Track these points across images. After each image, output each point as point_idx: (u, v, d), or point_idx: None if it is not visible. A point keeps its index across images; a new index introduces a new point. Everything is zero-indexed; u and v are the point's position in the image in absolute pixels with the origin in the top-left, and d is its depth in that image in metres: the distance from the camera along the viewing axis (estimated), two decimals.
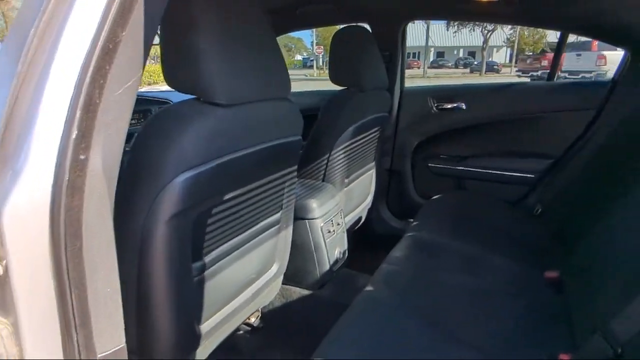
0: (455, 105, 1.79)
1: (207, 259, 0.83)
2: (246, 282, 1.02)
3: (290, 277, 1.28)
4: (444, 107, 1.81)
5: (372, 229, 2.04)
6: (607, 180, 1.32)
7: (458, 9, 1.54)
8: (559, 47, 1.61)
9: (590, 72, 10.61)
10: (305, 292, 1.32)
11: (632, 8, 1.21)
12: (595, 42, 11.45)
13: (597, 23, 1.29)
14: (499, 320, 0.91)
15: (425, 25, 23.74)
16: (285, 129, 0.93)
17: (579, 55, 11.72)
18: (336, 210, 1.32)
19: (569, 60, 12.86)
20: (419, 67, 25.55)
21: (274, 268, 1.12)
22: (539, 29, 23.62)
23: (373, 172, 1.80)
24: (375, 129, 1.62)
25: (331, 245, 1.28)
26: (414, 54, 30.24)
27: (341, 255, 1.34)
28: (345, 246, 1.40)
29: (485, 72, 22.42)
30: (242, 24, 0.79)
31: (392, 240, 1.87)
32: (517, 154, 1.71)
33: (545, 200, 1.57)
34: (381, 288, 0.99)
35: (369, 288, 0.99)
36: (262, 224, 0.99)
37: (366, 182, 1.75)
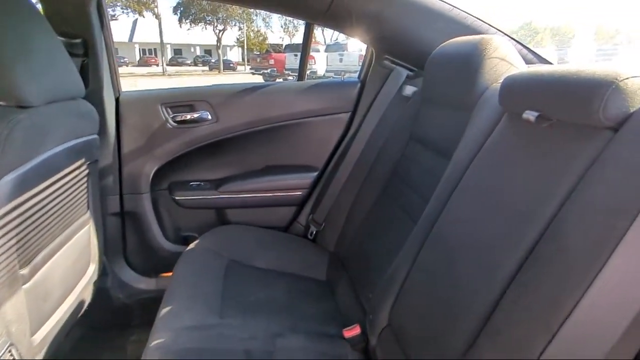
0: (198, 114, 1.35)
1: None
2: None
3: None
4: (184, 118, 1.35)
5: (111, 300, 1.39)
6: (375, 190, 1.20)
7: None
8: (306, 42, 1.41)
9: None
10: None
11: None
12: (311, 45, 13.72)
13: (341, 13, 1.12)
14: None
15: (158, 20, 22.25)
16: None
17: (296, 55, 13.81)
18: None
19: (289, 60, 14.96)
20: (157, 65, 23.92)
21: None
22: (262, 31, 26.38)
23: (90, 226, 1.15)
24: (77, 164, 0.99)
25: None
26: (149, 50, 28.15)
27: None
28: None
29: (224, 69, 23.21)
30: None
31: (143, 308, 1.33)
32: (280, 169, 1.45)
33: (317, 220, 1.37)
34: None
35: None
36: None
37: (79, 246, 1.09)
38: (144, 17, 22.86)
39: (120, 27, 24.79)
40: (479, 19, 1.08)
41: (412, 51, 1.17)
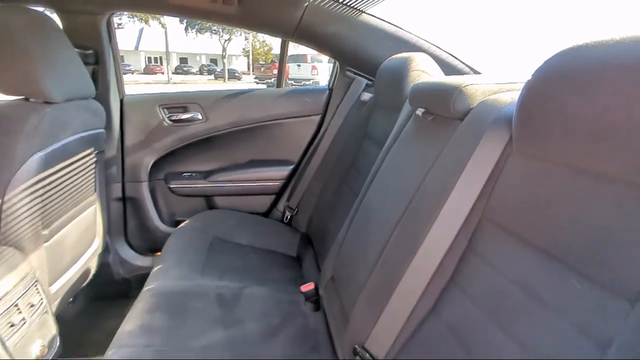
0: (190, 115, 1.58)
1: None
2: None
3: None
4: (179, 117, 1.57)
5: (112, 275, 1.60)
6: (337, 180, 1.42)
7: (171, 3, 1.32)
8: (282, 55, 1.65)
9: (309, 79, 12.98)
10: None
11: (334, 19, 1.31)
12: (309, 56, 13.98)
13: (309, 32, 1.34)
14: None
15: (164, 29, 22.72)
16: None
17: (299, 65, 14.07)
18: (25, 286, 0.87)
19: (292, 70, 15.31)
20: (162, 73, 24.30)
21: None
22: (267, 42, 26.80)
23: (96, 206, 1.37)
24: (87, 151, 1.21)
25: (21, 345, 0.82)
26: (155, 58, 28.54)
27: (45, 350, 0.90)
28: (53, 331, 0.96)
29: (228, 78, 23.57)
30: None
31: (140, 283, 1.53)
32: (261, 163, 1.67)
33: (292, 206, 1.59)
34: None
35: None
36: None
37: (87, 222, 1.31)
38: (149, 26, 23.31)
39: (126, 35, 25.20)
40: (421, 38, 1.30)
41: (367, 64, 1.39)
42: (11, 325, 0.80)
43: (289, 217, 1.59)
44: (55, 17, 1.32)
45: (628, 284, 0.37)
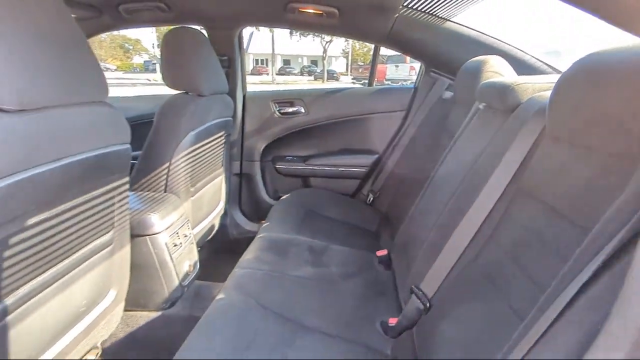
0: (295, 109, 1.90)
1: (10, 300, 0.68)
2: (75, 316, 0.87)
3: (134, 301, 1.16)
4: (286, 111, 1.91)
5: (228, 235, 2.01)
6: (416, 168, 1.60)
7: (288, 18, 1.64)
8: (374, 58, 1.89)
9: (405, 80, 12.93)
10: (154, 314, 1.21)
11: (420, 27, 1.50)
12: (408, 57, 13.88)
13: (399, 38, 1.55)
14: (340, 302, 1.01)
15: (271, 33, 24.53)
16: (106, 137, 0.83)
17: (397, 66, 14.05)
18: (181, 221, 1.25)
19: (390, 71, 15.30)
20: (267, 74, 26.21)
21: (111, 295, 0.99)
22: (366, 43, 27.01)
23: (222, 177, 1.77)
24: (220, 134, 1.59)
25: (179, 260, 1.20)
26: (262, 60, 30.74)
27: (192, 269, 1.28)
28: (196, 257, 1.34)
29: (327, 79, 24.43)
30: (34, 20, 0.66)
31: (249, 243, 1.90)
32: (350, 151, 1.93)
33: (375, 190, 1.82)
34: (233, 294, 0.98)
35: (220, 296, 0.98)
36: (88, 247, 0.87)
37: (215, 188, 1.71)
38: (259, 30, 25.25)
39: None
40: (502, 41, 1.41)
41: (449, 66, 1.55)
42: (174, 245, 1.18)
43: (371, 199, 1.82)
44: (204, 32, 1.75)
45: (594, 222, 0.53)
